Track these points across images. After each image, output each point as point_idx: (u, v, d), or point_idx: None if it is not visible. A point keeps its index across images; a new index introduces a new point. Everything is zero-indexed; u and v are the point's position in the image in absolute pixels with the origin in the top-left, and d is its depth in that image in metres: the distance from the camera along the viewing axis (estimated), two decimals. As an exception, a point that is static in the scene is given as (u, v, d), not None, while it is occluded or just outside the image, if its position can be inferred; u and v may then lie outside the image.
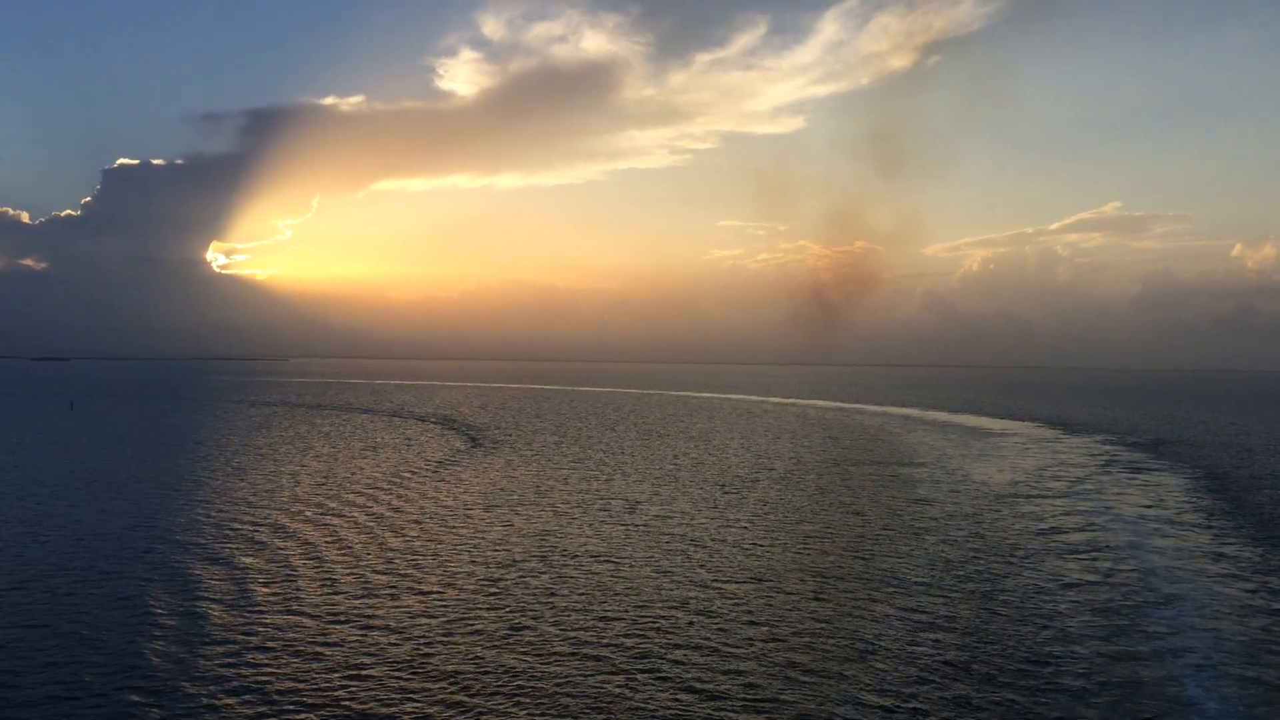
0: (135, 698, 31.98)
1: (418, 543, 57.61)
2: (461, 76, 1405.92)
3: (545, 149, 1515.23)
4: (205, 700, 31.85)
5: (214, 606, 43.19)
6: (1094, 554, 55.72)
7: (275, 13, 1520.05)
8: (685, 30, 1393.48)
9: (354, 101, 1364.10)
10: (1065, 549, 57.15)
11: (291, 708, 31.37)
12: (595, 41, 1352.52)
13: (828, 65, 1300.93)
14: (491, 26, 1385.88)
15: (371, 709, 31.36)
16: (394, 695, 32.57)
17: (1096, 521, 66.54)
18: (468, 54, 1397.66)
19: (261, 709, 31.24)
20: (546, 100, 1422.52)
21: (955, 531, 62.32)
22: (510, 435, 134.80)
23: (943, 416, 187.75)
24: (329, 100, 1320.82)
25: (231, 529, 61.36)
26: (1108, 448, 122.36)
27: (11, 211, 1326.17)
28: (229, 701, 31.77)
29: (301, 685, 33.36)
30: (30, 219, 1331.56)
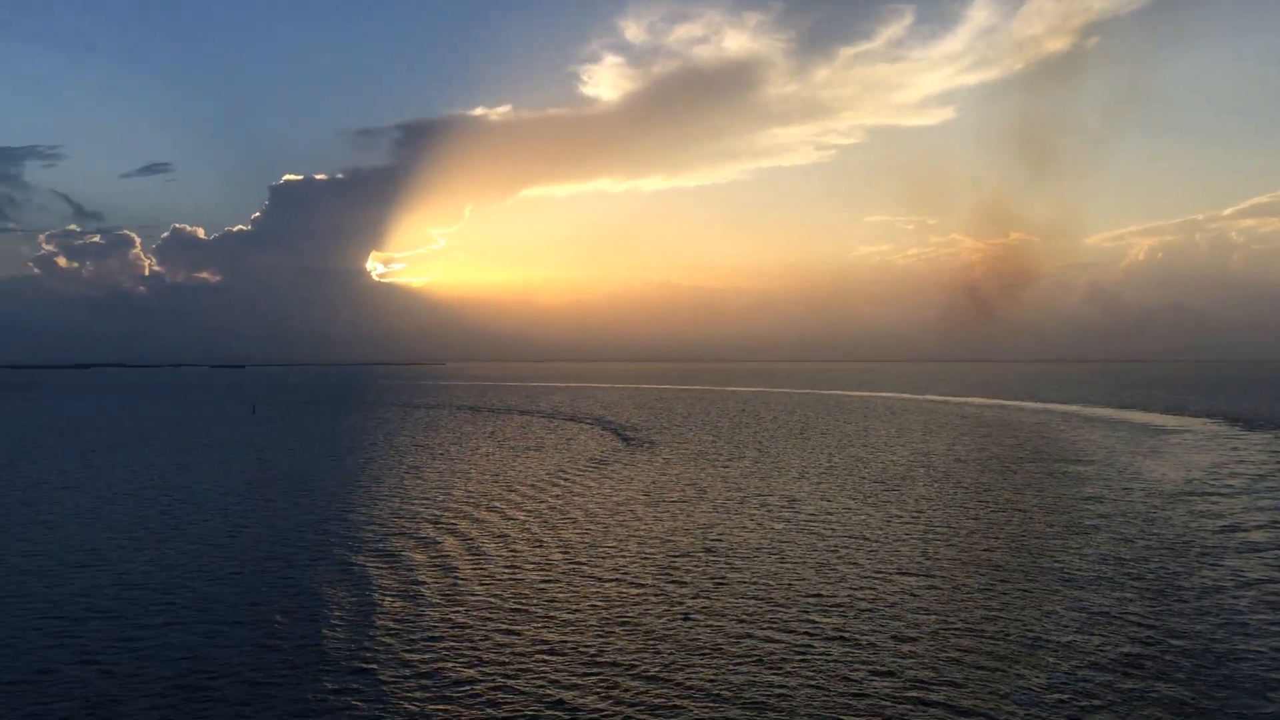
0: (329, 683, 35.30)
1: (586, 537, 60.27)
2: (605, 82, 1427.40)
3: (688, 150, 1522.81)
4: (392, 685, 34.88)
5: (400, 596, 46.66)
6: (1277, 552, 53.79)
7: (424, 29, 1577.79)
8: (828, 25, 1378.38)
9: (502, 111, 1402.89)
10: (1245, 547, 55.31)
11: (474, 693, 34.02)
12: (737, 41, 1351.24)
13: (978, 52, 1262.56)
14: (633, 31, 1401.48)
15: (554, 695, 33.69)
16: (575, 681, 34.85)
17: (1280, 519, 63.93)
18: (611, 59, 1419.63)
19: (447, 694, 34.00)
20: (689, 102, 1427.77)
21: (1126, 529, 61.00)
22: (664, 434, 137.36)
23: (1109, 413, 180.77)
24: (478, 111, 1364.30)
25: (413, 524, 65.47)
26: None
27: (189, 228, 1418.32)
28: (417, 685, 34.70)
29: (485, 672, 36.04)
30: (205, 234, 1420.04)
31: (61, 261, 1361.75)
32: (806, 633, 39.48)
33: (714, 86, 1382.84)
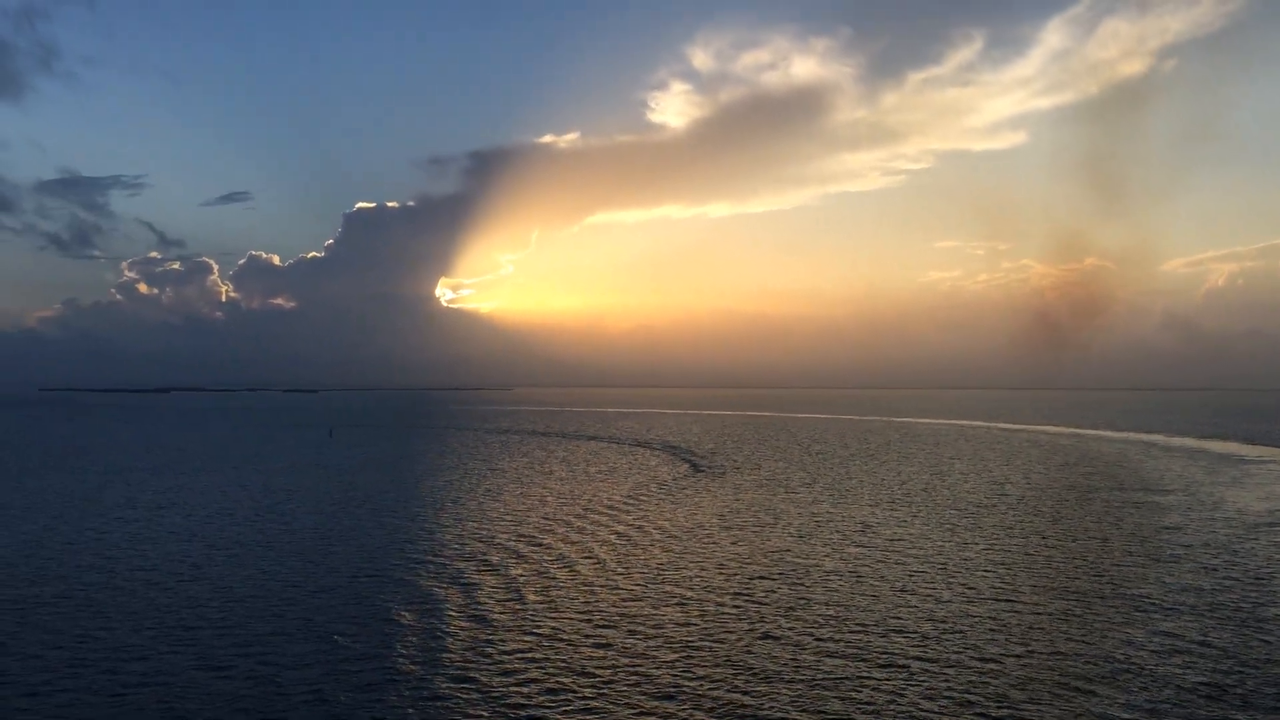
0: (420, 693, 37.12)
1: (665, 559, 61.64)
2: (672, 109, 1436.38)
3: (755, 176, 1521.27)
4: (483, 699, 36.59)
5: (486, 614, 48.49)
6: (1365, 584, 53.18)
7: (494, 58, 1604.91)
8: (897, 50, 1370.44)
9: (570, 138, 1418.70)
10: (1332, 579, 54.73)
11: (564, 709, 35.57)
12: (805, 67, 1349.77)
13: (1051, 76, 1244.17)
14: (701, 58, 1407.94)
15: (641, 705, 35.10)
16: (661, 699, 36.23)
17: (1368, 552, 62.91)
18: (678, 86, 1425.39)
19: (535, 706, 35.62)
20: (756, 128, 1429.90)
21: (1208, 559, 60.64)
22: (735, 460, 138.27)
23: (1188, 443, 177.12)
24: (546, 138, 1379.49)
25: (496, 544, 67.45)
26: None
27: (265, 255, 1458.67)
28: (514, 692, 36.38)
29: (572, 687, 37.61)
30: (280, 261, 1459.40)
31: (143, 288, 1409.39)
32: (888, 654, 40.38)
33: (781, 113, 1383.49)
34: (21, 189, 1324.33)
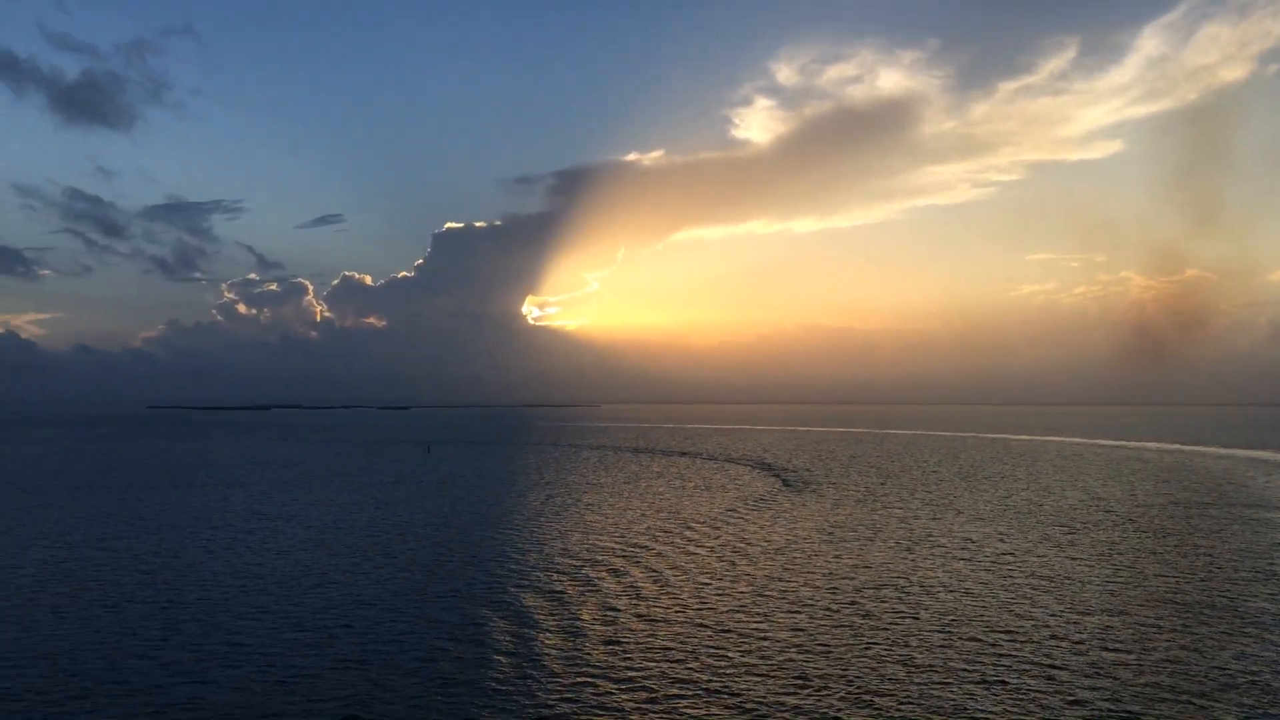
0: (536, 697, 39.23)
1: (769, 571, 63.04)
2: (756, 124, 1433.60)
3: (841, 191, 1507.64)
4: (590, 705, 38.54)
5: (597, 624, 50.54)
6: None
7: (579, 78, 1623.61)
8: (987, 59, 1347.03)
9: (654, 156, 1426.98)
10: None
11: (670, 714, 37.33)
12: (891, 79, 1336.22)
13: (1148, 83, 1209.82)
14: (785, 73, 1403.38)
15: (757, 713, 36.69)
16: (773, 704, 37.77)
17: None
18: (762, 102, 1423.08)
19: (648, 709, 37.44)
20: (841, 142, 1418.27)
21: (1324, 575, 59.74)
22: (828, 476, 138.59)
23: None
24: (631, 156, 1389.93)
25: (601, 556, 69.63)
26: None
27: (357, 275, 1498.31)
28: (623, 700, 38.27)
29: (691, 692, 39.36)
30: (372, 281, 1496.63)
31: (241, 308, 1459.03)
32: (998, 665, 41.28)
33: (867, 126, 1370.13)
34: (130, 215, 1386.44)
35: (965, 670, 40.45)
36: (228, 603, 54.38)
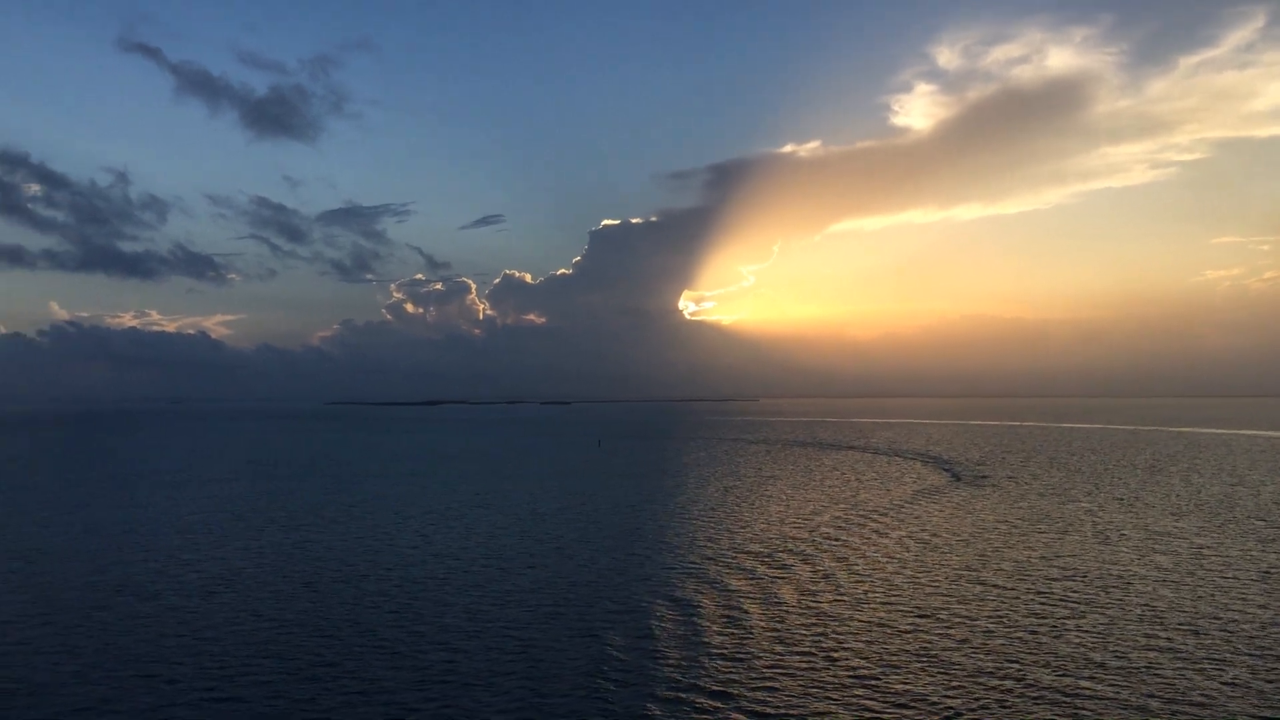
0: (707, 684, 41.86)
1: (961, 561, 64.06)
2: (916, 110, 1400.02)
3: (1007, 176, 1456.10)
4: (764, 693, 40.92)
5: (797, 605, 52.95)
6: None
7: (733, 72, 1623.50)
8: (1165, 33, 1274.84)
9: (810, 147, 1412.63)
10: None
11: (885, 691, 39.36)
12: (1061, 58, 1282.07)
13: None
14: (946, 57, 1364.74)
15: (971, 690, 38.41)
16: (988, 683, 39.39)
17: None
18: (922, 87, 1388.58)
19: (861, 686, 39.58)
20: (1007, 125, 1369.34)
21: None
22: (1007, 469, 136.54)
23: None
24: (787, 148, 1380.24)
25: (789, 544, 71.97)
26: None
27: (518, 273, 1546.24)
28: (839, 676, 40.55)
29: (898, 671, 41.34)
30: (532, 279, 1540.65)
31: (409, 307, 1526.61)
32: (1211, 654, 41.68)
33: (1035, 108, 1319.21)
34: (310, 220, 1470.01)
35: (1176, 659, 41.04)
36: (451, 580, 59.36)
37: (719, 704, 36.00)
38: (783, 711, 35.11)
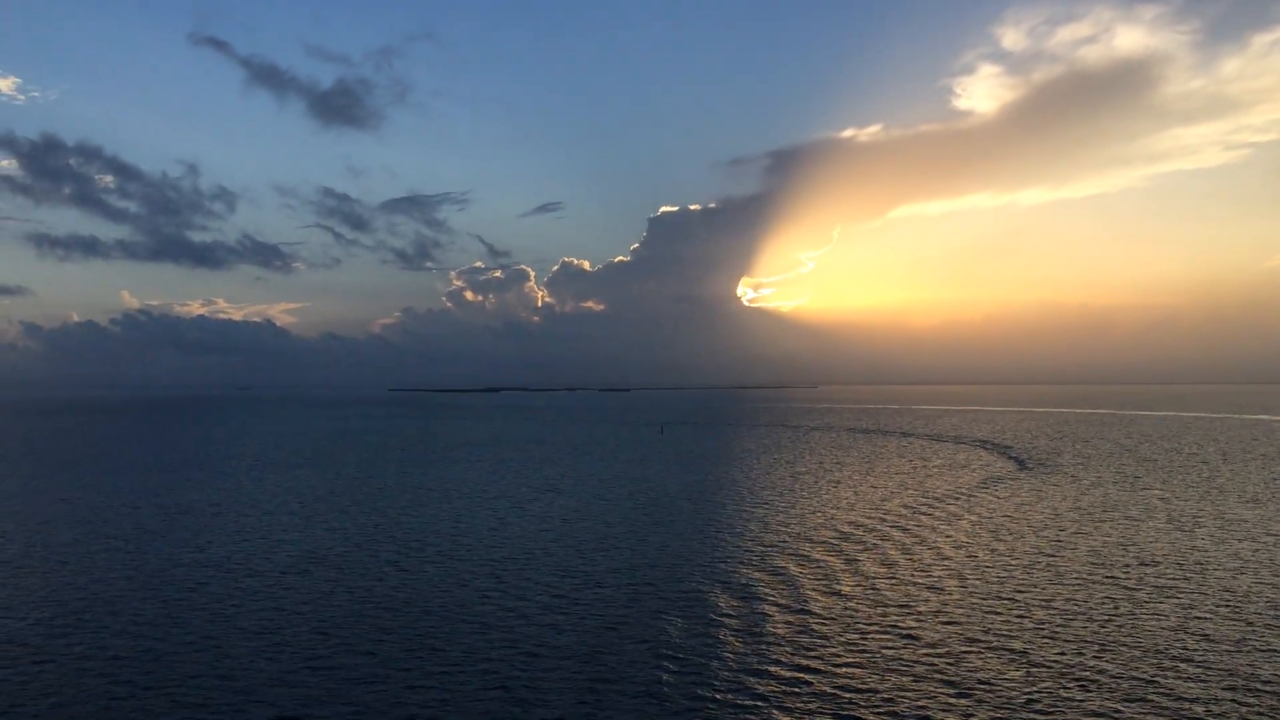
0: (777, 670, 42.90)
1: (1036, 546, 64.39)
2: (980, 93, 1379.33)
3: (1073, 159, 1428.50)
4: (838, 681, 41.83)
5: (877, 588, 53.84)
6: None
7: (793, 56, 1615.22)
8: (1240, 10, 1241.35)
9: (871, 131, 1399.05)
10: None
11: (966, 673, 40.16)
12: (1130, 37, 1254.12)
13: None
14: (1011, 38, 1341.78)
15: (1056, 673, 39.11)
16: (1073, 668, 40.02)
17: None
18: (986, 69, 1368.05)
19: (944, 666, 40.43)
20: (1074, 107, 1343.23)
21: None
22: (1076, 457, 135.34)
23: None
24: (847, 132, 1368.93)
25: (861, 529, 72.75)
26: None
27: (576, 261, 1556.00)
28: (922, 655, 41.44)
29: (979, 653, 42.11)
30: (591, 266, 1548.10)
31: (469, 295, 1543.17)
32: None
33: (1103, 89, 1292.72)
34: (373, 209, 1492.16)
35: (1256, 648, 41.33)
36: (533, 563, 61.17)
37: (794, 689, 37.20)
38: (860, 696, 36.18)
